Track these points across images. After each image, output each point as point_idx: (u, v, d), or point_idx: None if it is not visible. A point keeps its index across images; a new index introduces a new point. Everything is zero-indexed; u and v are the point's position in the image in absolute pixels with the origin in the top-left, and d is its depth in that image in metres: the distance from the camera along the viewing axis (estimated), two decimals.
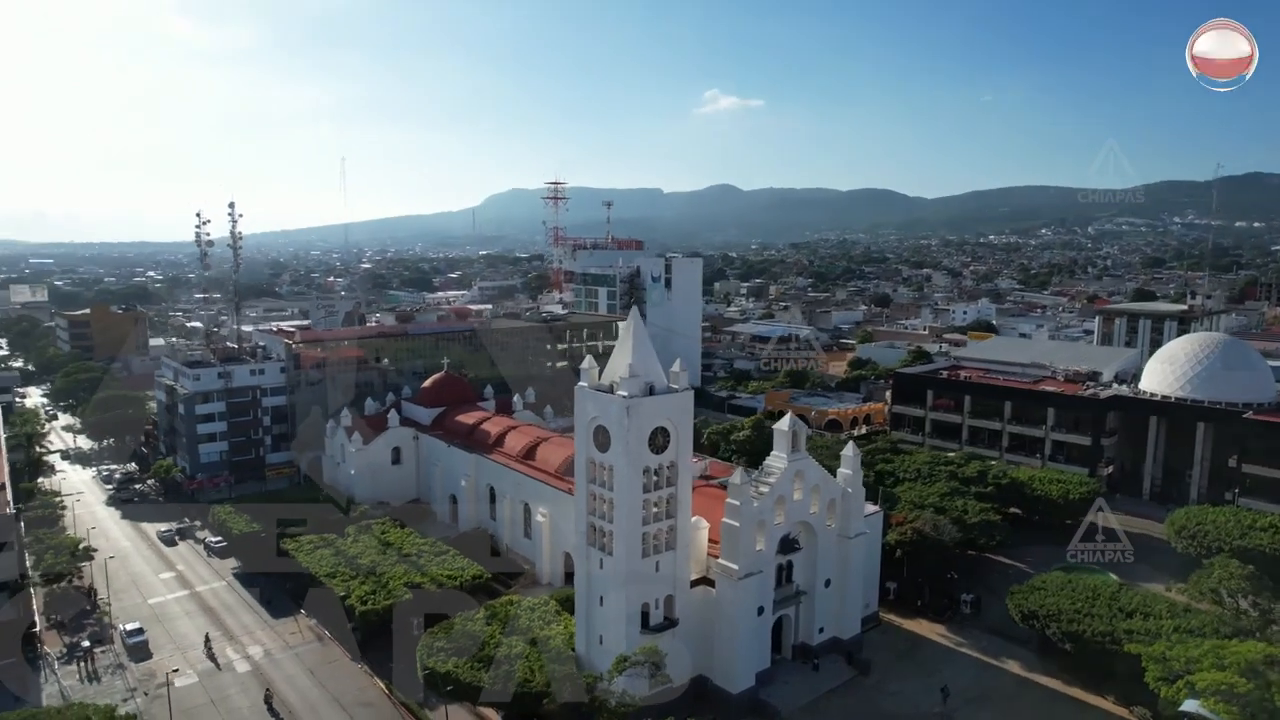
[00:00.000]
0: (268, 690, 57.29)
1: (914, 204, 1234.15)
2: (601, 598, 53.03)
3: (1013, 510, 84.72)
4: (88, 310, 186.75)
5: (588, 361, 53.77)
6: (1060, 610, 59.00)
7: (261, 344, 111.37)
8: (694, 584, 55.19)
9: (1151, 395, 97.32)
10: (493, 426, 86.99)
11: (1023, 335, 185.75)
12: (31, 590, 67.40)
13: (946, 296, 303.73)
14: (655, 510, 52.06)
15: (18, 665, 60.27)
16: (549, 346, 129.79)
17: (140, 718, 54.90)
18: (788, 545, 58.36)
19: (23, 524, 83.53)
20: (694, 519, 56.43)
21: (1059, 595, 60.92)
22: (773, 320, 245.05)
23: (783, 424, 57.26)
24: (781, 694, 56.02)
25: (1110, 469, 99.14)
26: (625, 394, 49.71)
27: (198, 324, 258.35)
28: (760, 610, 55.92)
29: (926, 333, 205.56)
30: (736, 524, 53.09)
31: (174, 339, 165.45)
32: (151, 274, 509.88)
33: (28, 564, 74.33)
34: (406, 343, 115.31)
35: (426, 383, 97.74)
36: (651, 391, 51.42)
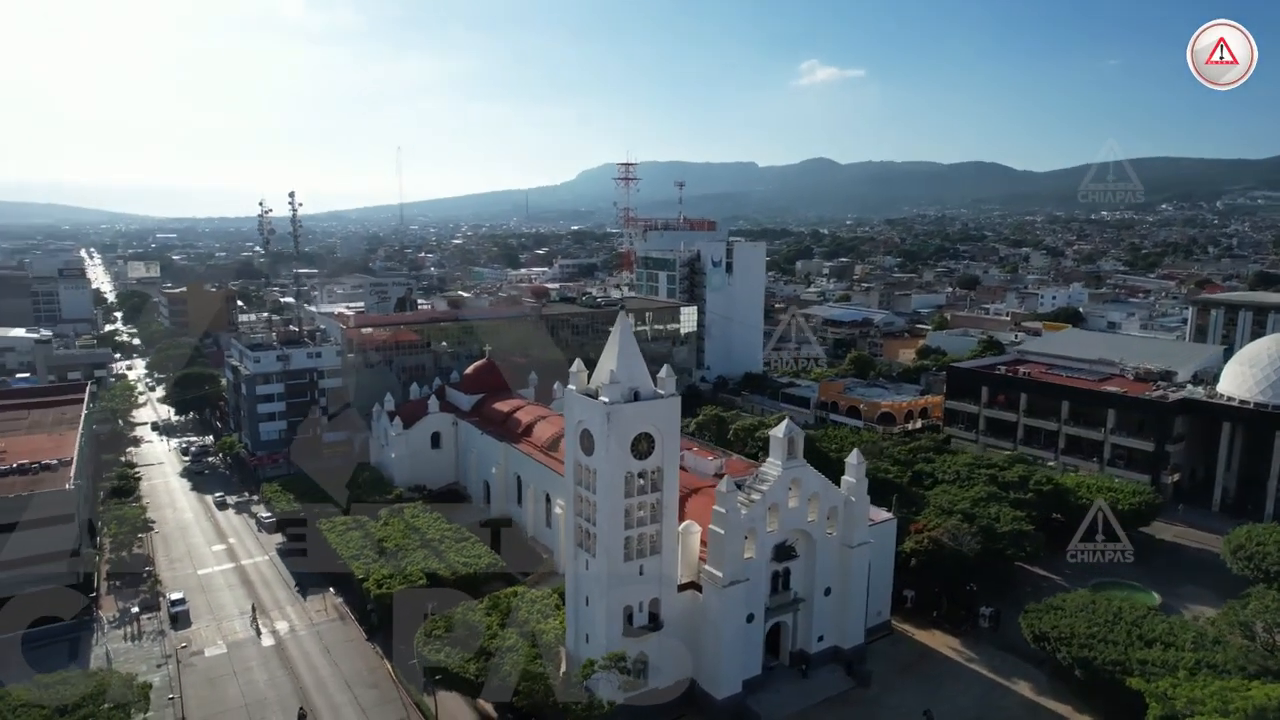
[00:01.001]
0: (301, 709, 56.27)
1: (1022, 178, 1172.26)
2: (587, 598, 53.77)
3: (1056, 517, 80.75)
4: (184, 288, 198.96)
5: (576, 365, 54.14)
6: (1074, 633, 56.22)
7: (322, 326, 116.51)
8: (684, 587, 55.25)
9: (1228, 400, 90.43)
10: (525, 415, 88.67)
11: (1111, 325, 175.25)
12: (93, 558, 73.14)
13: (1040, 279, 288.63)
14: (639, 515, 52.24)
15: (75, 627, 66.21)
16: (599, 332, 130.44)
17: (171, 684, 59.47)
18: (784, 552, 57.53)
19: (100, 493, 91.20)
20: (685, 523, 56.46)
21: (1076, 616, 58.01)
22: (849, 303, 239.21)
23: (778, 430, 56.22)
24: (770, 702, 55.60)
25: (1176, 477, 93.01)
26: (606, 400, 49.89)
27: (289, 300, 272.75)
28: (750, 617, 55.52)
29: (1008, 319, 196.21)
30: (722, 531, 52.72)
31: (250, 316, 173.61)
32: (258, 249, 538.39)
33: (101, 532, 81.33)
34: (457, 328, 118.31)
35: (468, 370, 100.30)
36: (636, 397, 51.38)
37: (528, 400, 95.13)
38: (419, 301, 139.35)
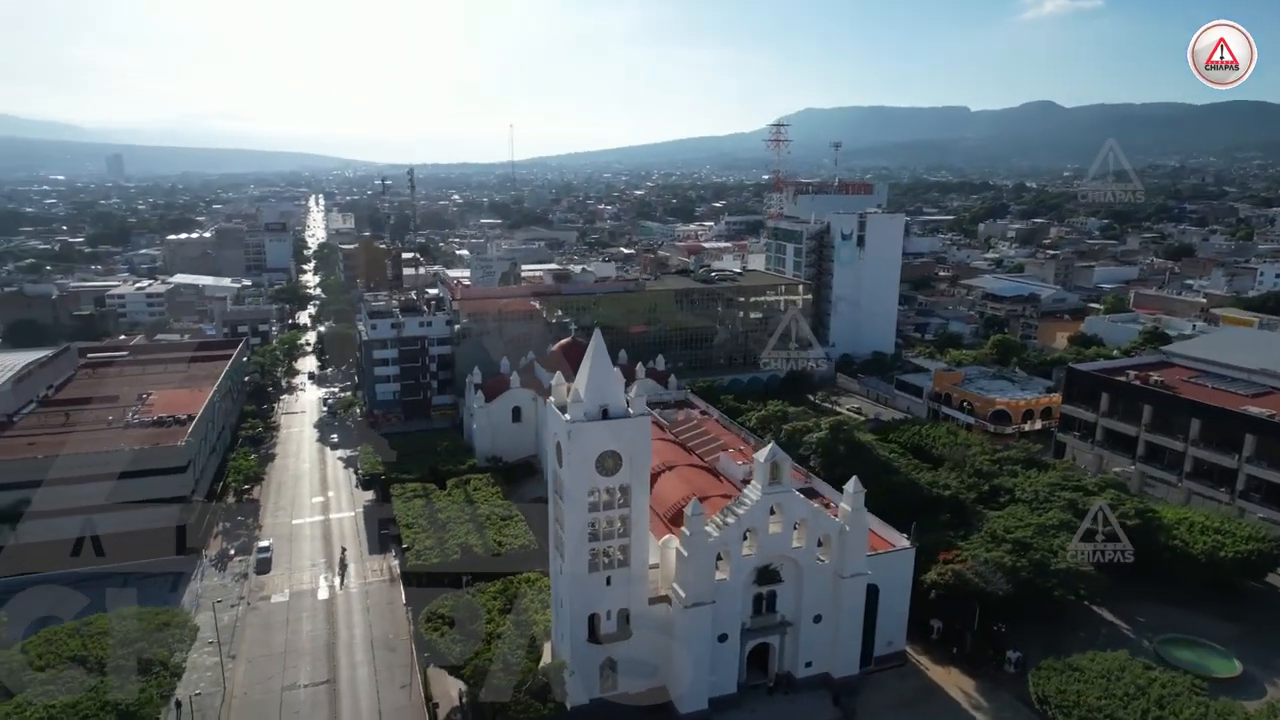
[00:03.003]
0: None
1: None
2: (561, 600, 55.90)
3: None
4: (357, 244, 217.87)
5: (557, 378, 55.29)
6: (1079, 702, 51.12)
7: (442, 295, 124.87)
8: (661, 599, 55.82)
9: None
10: None
11: None
12: (203, 504, 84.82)
13: (1277, 249, 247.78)
14: (607, 528, 53.21)
15: (181, 564, 77.88)
16: (711, 308, 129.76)
17: (236, 624, 68.91)
18: (768, 576, 56.40)
19: (239, 439, 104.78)
20: (666, 538, 56.76)
21: (1092, 682, 52.56)
22: (1021, 274, 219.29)
23: (761, 455, 54.58)
24: None
25: None
26: (569, 418, 50.91)
27: (464, 253, 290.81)
28: (723, 637, 55.32)
29: (1204, 301, 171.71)
30: (686, 553, 52.63)
31: (416, 271, 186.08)
32: (455, 197, 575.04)
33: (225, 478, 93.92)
34: (563, 300, 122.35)
35: (554, 347, 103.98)
36: (605, 415, 51.92)
37: None
38: (521, 274, 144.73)
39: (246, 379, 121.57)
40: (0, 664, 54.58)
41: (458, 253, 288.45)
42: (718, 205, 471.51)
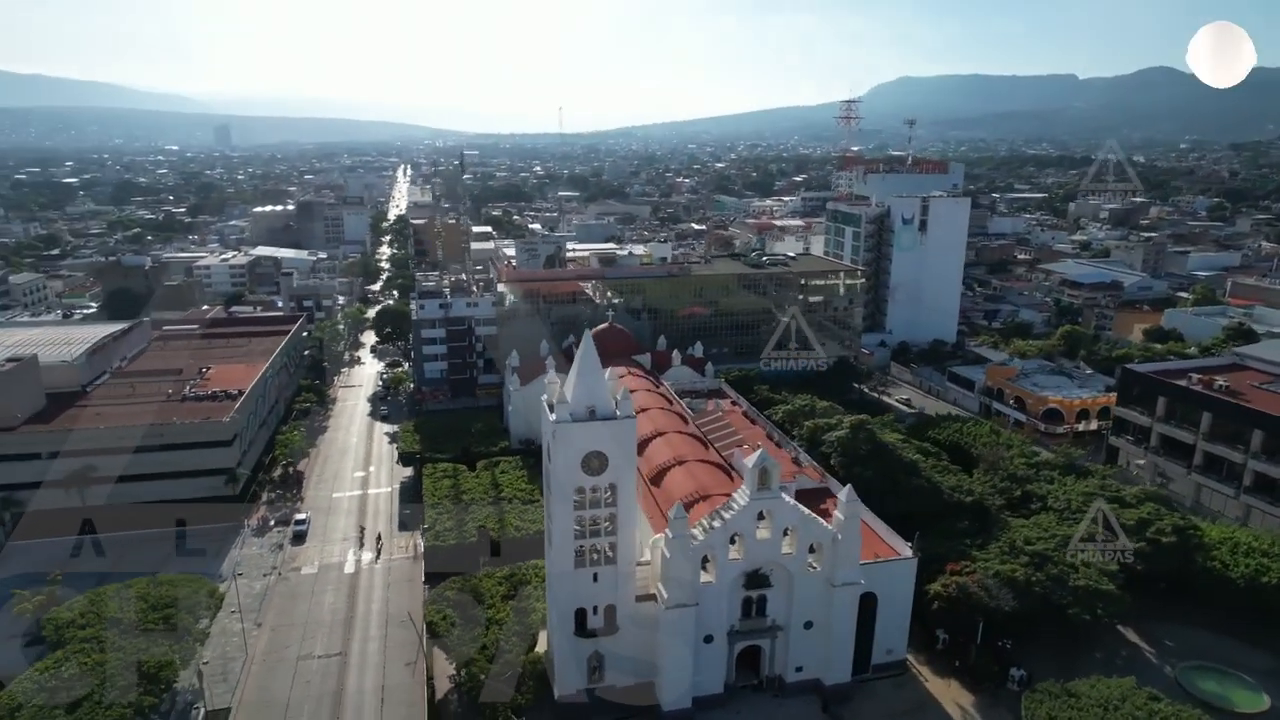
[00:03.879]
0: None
1: None
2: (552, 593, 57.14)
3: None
4: (426, 220, 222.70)
5: (550, 375, 55.97)
6: None
7: (491, 277, 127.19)
8: (646, 598, 56.35)
9: None
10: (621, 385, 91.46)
11: None
12: (246, 475, 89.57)
13: None
14: (593, 526, 53.93)
15: (225, 531, 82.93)
16: (759, 295, 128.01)
17: (267, 593, 73.14)
18: (758, 580, 56.17)
19: (292, 412, 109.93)
20: (656, 537, 57.10)
21: (1087, 711, 50.62)
22: (1107, 260, 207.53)
23: (749, 460, 54.08)
24: None
25: None
26: (554, 418, 51.63)
27: (536, 226, 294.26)
28: (709, 638, 55.57)
29: None
30: (668, 555, 52.91)
31: (485, 245, 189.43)
32: (538, 168, 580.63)
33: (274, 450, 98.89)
34: (610, 284, 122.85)
35: (593, 331, 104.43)
36: (592, 415, 52.41)
37: (632, 368, 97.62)
38: (566, 256, 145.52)
39: (306, 352, 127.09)
40: (52, 620, 59.59)
41: (530, 226, 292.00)
42: (798, 179, 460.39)
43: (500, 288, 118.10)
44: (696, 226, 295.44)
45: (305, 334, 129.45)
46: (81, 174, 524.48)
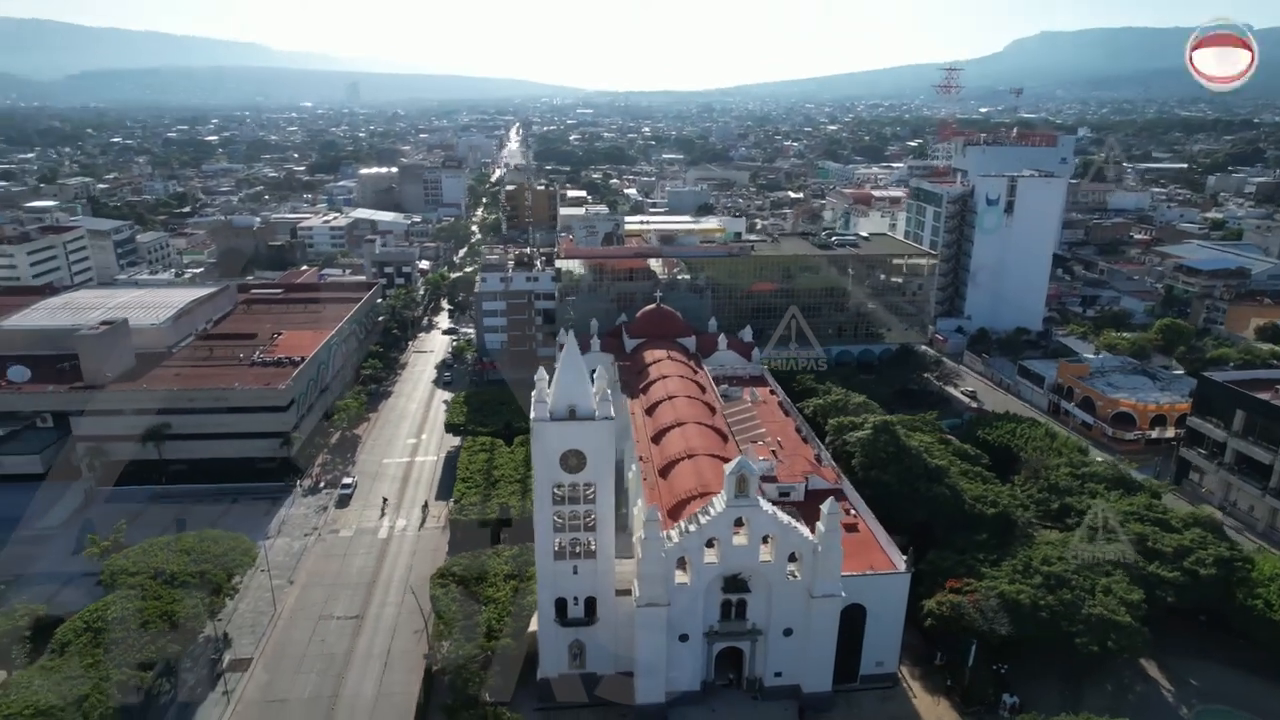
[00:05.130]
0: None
1: None
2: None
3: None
4: (515, 186, 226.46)
5: (539, 373, 57.05)
6: None
7: (556, 250, 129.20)
8: (625, 593, 57.38)
9: None
10: (655, 369, 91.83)
11: None
12: (305, 439, 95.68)
13: None
14: (574, 521, 55.23)
15: (279, 490, 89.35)
16: (824, 277, 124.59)
17: (304, 552, 78.69)
18: (736, 584, 56.22)
19: (360, 377, 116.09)
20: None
21: None
22: (1238, 243, 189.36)
23: (730, 467, 53.74)
24: (696, 718, 56.63)
25: None
26: (534, 415, 52.90)
27: (631, 191, 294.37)
28: (684, 637, 56.24)
29: None
30: (641, 555, 53.66)
31: (576, 211, 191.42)
32: (645, 130, 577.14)
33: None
34: (670, 263, 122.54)
35: (639, 313, 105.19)
36: (573, 415, 53.36)
37: (682, 354, 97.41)
38: (624, 234, 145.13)
39: (381, 318, 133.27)
40: (109, 566, 66.43)
41: (625, 191, 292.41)
42: (912, 144, 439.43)
43: (559, 264, 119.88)
44: (793, 195, 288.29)
45: (380, 300, 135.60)
46: (222, 131, 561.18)
